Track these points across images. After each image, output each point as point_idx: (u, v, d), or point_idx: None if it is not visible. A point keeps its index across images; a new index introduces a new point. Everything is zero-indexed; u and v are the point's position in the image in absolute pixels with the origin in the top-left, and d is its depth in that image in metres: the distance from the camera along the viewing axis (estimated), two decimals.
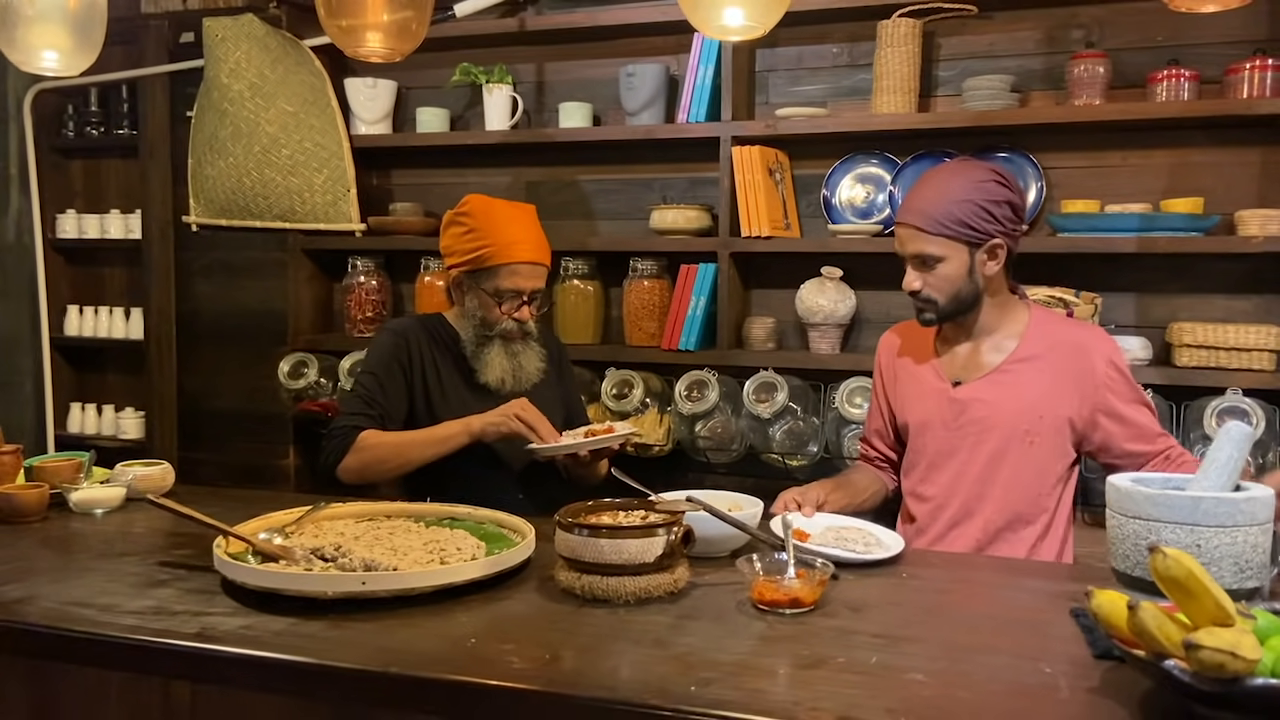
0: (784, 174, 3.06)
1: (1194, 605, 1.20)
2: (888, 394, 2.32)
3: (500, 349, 2.40)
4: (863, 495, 2.28)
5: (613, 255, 3.20)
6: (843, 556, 1.83)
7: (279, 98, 3.28)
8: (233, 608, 1.60)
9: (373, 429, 2.30)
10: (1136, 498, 1.50)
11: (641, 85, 3.09)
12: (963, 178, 2.08)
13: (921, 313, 2.16)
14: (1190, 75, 2.65)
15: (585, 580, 1.66)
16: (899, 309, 3.04)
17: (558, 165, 3.37)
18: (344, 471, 2.30)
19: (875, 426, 2.38)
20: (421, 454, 2.28)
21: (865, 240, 2.92)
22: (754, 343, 3.06)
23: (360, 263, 3.47)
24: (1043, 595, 1.72)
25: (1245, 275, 2.70)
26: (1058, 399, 2.10)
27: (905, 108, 2.86)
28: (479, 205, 2.41)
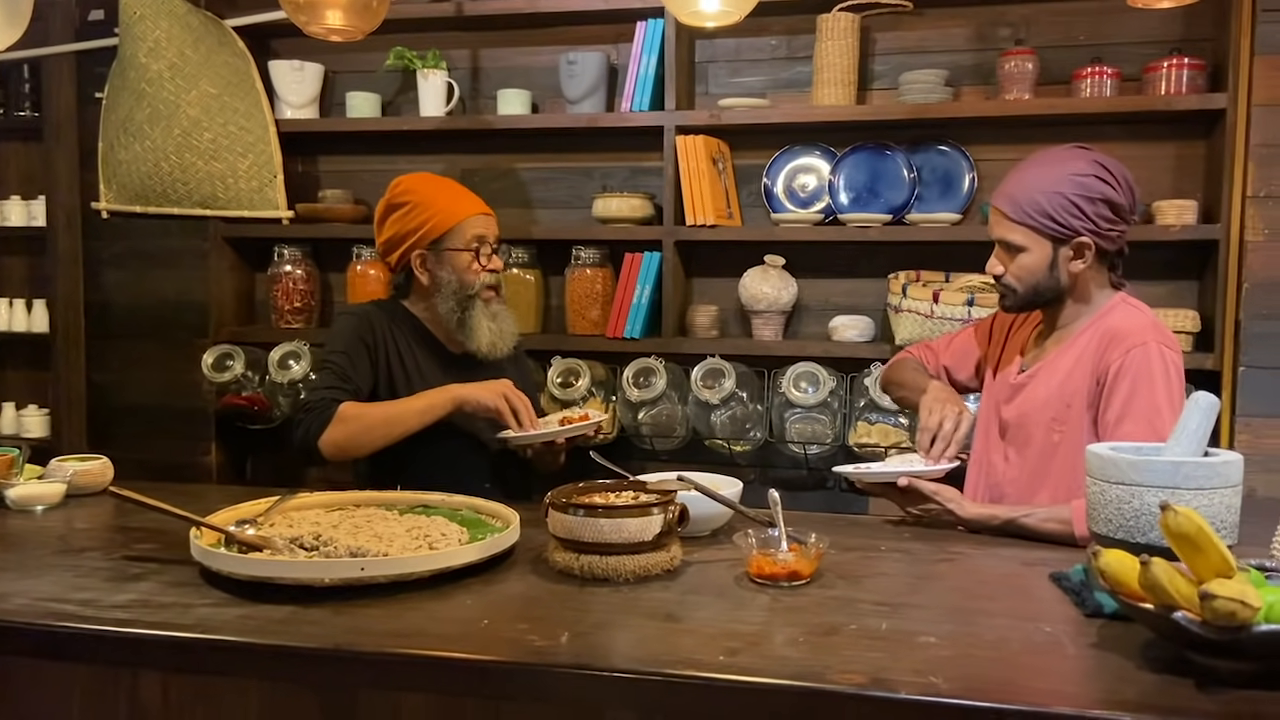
0: (726, 163, 3.10)
1: (1201, 559, 1.28)
2: (987, 345, 2.26)
3: (482, 311, 2.37)
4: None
5: (552, 244, 3.19)
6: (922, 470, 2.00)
7: (201, 79, 3.15)
8: (222, 598, 1.54)
9: (351, 401, 2.24)
10: (1120, 464, 1.58)
11: (583, 73, 3.09)
12: (1060, 168, 1.97)
13: (1002, 299, 2.09)
14: (1112, 73, 2.80)
15: (584, 560, 1.66)
16: (838, 296, 3.13)
17: (495, 153, 3.33)
18: (327, 444, 2.21)
19: (955, 351, 2.31)
20: (404, 424, 2.23)
21: (807, 229, 2.99)
22: (698, 330, 3.09)
23: (287, 251, 3.36)
24: (1017, 563, 1.80)
25: (1163, 262, 2.87)
26: (1082, 388, 1.99)
27: (845, 100, 2.93)
28: (413, 181, 2.42)
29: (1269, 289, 2.65)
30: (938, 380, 2.27)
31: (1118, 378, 1.94)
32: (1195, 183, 2.88)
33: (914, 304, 2.79)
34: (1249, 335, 2.67)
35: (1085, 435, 1.99)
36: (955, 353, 2.34)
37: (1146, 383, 1.92)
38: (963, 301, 2.75)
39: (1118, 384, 1.94)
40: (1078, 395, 2.01)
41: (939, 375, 2.34)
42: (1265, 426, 2.66)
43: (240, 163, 3.23)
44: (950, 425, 2.04)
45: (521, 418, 2.22)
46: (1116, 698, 1.21)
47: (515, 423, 2.22)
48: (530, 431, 2.22)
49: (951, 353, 2.35)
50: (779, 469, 3.14)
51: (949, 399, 2.11)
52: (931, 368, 2.35)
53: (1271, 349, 2.65)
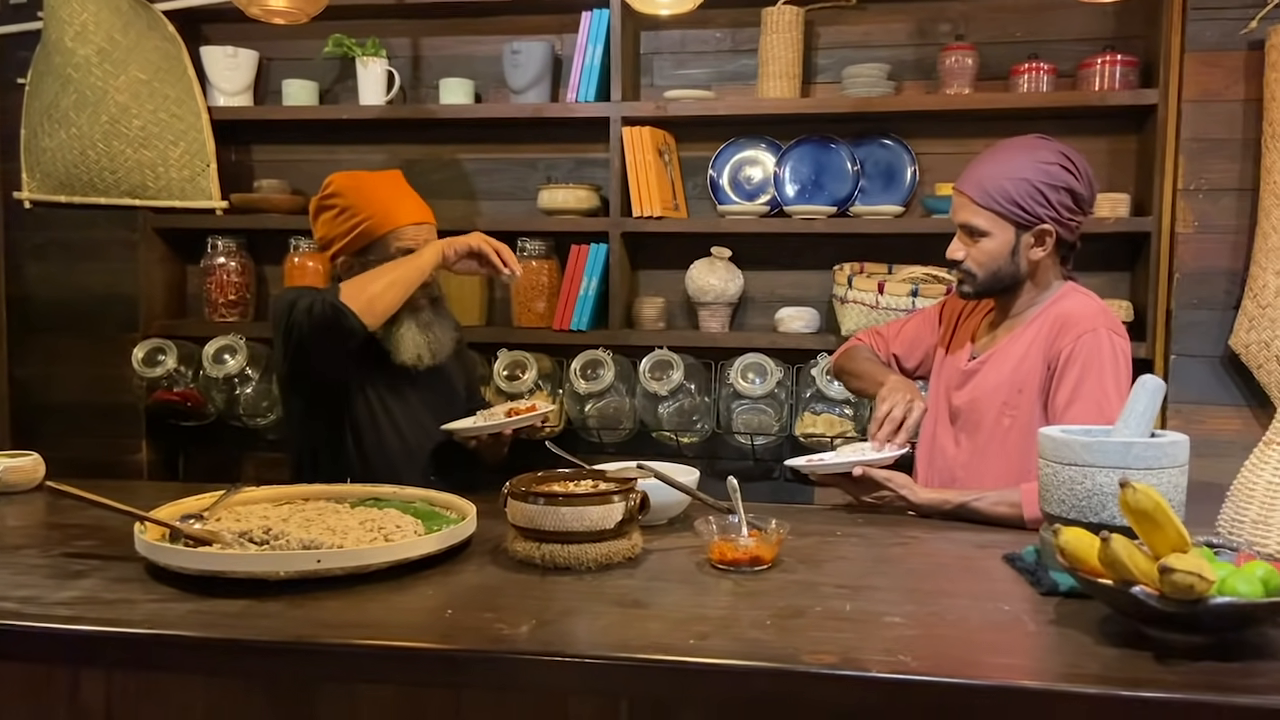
0: (671, 155, 3.10)
1: (1159, 535, 1.31)
2: (937, 333, 2.29)
3: (410, 323, 2.31)
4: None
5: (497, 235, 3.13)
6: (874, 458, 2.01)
7: (130, 64, 3.05)
8: (170, 594, 1.48)
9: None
10: (1074, 446, 1.61)
11: (528, 63, 3.06)
12: (1027, 155, 2.00)
13: (961, 284, 2.10)
14: (1049, 69, 2.86)
15: (546, 549, 1.64)
16: (784, 288, 3.14)
17: (437, 143, 3.28)
18: (351, 301, 2.08)
19: (905, 339, 2.34)
20: (407, 278, 2.17)
21: (753, 221, 3.00)
22: (645, 322, 3.09)
23: (221, 243, 3.26)
24: (970, 546, 1.82)
25: (1097, 254, 2.94)
26: (1033, 373, 2.02)
27: (789, 93, 2.95)
28: (344, 182, 2.30)
29: (1199, 279, 2.73)
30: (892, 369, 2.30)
31: (1068, 363, 1.99)
32: (1127, 176, 2.96)
33: (859, 295, 2.81)
34: (1180, 324, 2.75)
35: (1035, 419, 2.03)
36: (905, 340, 2.37)
37: (1096, 368, 1.97)
38: (907, 292, 2.78)
39: (1068, 369, 1.99)
40: (1029, 380, 2.04)
41: (889, 362, 2.37)
42: (1195, 413, 2.74)
43: (171, 151, 3.13)
44: (900, 412, 2.06)
45: (504, 254, 2.23)
46: (1080, 671, 1.23)
47: (499, 262, 2.22)
48: (480, 423, 2.19)
49: (901, 340, 2.38)
50: (726, 460, 3.15)
51: (905, 388, 2.13)
52: (882, 355, 2.38)
53: (1201, 337, 2.74)
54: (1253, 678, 1.20)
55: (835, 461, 2.08)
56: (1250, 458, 1.60)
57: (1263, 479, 1.56)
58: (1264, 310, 2.62)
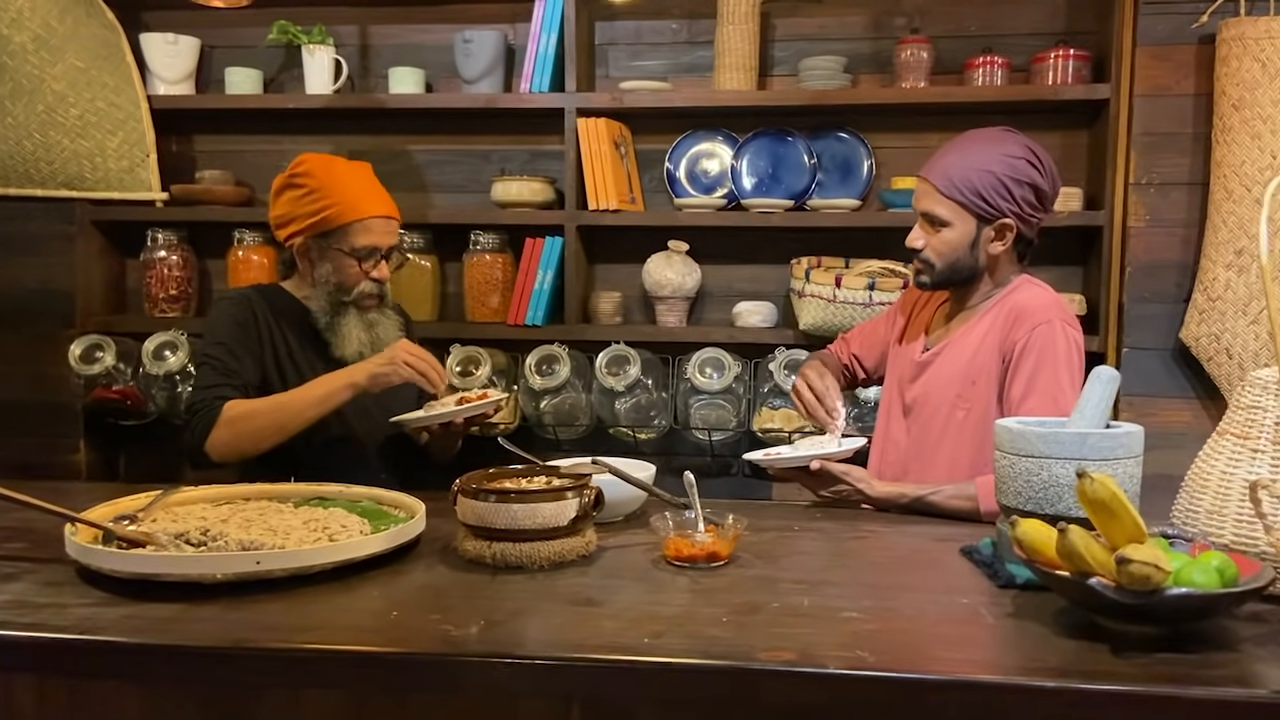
0: (628, 147, 3.06)
1: (1115, 525, 1.30)
2: (893, 328, 2.28)
3: (356, 319, 2.26)
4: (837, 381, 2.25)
5: (449, 228, 3.09)
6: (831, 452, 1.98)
7: (67, 52, 2.95)
8: (103, 598, 1.42)
9: (238, 399, 2.11)
10: (1029, 436, 1.60)
11: (480, 53, 3.00)
12: (994, 148, 1.99)
13: (919, 274, 2.08)
14: (1003, 63, 2.86)
15: (497, 548, 1.60)
16: (741, 282, 3.12)
17: (386, 134, 3.21)
18: (214, 446, 2.08)
19: (864, 339, 2.34)
20: (300, 416, 2.10)
21: (711, 214, 2.97)
22: (601, 317, 3.04)
23: (162, 236, 3.17)
24: (927, 539, 1.81)
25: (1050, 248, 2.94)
26: (988, 365, 2.01)
27: (746, 85, 2.93)
28: (317, 164, 2.27)
29: (1150, 273, 2.75)
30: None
31: (1023, 355, 1.98)
32: (1080, 171, 2.98)
33: (817, 289, 2.80)
34: (1131, 318, 2.77)
35: (989, 412, 2.02)
36: (863, 340, 2.36)
37: (1050, 360, 1.97)
38: (864, 286, 2.77)
39: (1023, 361, 1.98)
40: (983, 372, 2.04)
41: (851, 365, 2.36)
42: (1147, 405, 2.76)
43: (109, 141, 3.03)
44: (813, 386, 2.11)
45: (431, 377, 2.13)
46: (1039, 664, 1.21)
47: (427, 384, 2.13)
48: (428, 412, 2.13)
49: (860, 340, 2.37)
50: (684, 456, 3.12)
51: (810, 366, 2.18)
52: (844, 358, 2.37)
53: (1152, 330, 2.76)
54: (1209, 669, 1.20)
55: (792, 455, 2.06)
56: (1203, 449, 1.59)
57: (1216, 470, 1.55)
58: (1214, 303, 2.64)
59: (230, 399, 2.09)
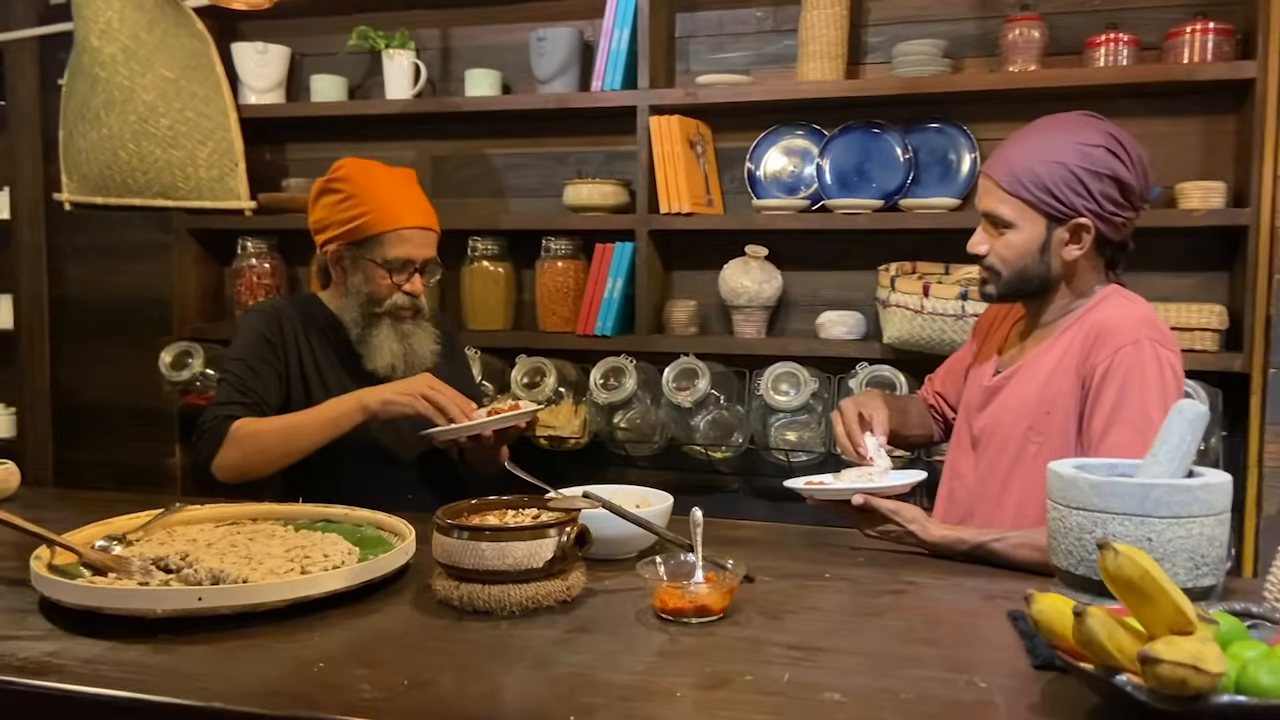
0: (706, 146, 2.87)
1: (1149, 610, 1.03)
2: (971, 353, 2.03)
3: (389, 330, 2.17)
4: (912, 427, 2.04)
5: (525, 234, 2.99)
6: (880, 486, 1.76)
7: (156, 62, 3.01)
8: (44, 630, 1.36)
9: (248, 417, 2.05)
10: (1080, 485, 1.33)
11: (553, 50, 2.88)
12: (1065, 135, 1.71)
13: (984, 284, 1.82)
14: (1129, 40, 2.51)
15: (465, 589, 1.45)
16: (827, 290, 2.88)
17: (465, 138, 3.14)
18: (220, 469, 2.03)
19: (947, 370, 2.10)
20: (309, 439, 2.02)
21: (792, 217, 2.75)
22: (675, 327, 2.87)
23: (251, 244, 3.20)
24: (976, 596, 1.55)
25: (1187, 251, 2.58)
26: (1065, 392, 1.73)
27: (832, 75, 2.69)
28: (355, 169, 2.19)
29: None
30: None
31: (1105, 380, 1.68)
32: (1224, 162, 2.58)
33: (902, 298, 2.53)
34: None
35: (1066, 447, 1.73)
36: (946, 372, 2.11)
37: (1137, 386, 1.66)
38: (955, 296, 2.48)
39: (1104, 388, 1.68)
40: (1059, 401, 1.75)
41: (937, 405, 2.11)
42: None
43: (199, 150, 3.07)
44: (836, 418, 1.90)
45: (451, 412, 2.00)
46: None
47: (445, 419, 2.01)
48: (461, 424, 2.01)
49: (943, 373, 2.12)
50: (765, 477, 2.90)
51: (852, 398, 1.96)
52: (929, 398, 2.12)
53: None
54: None
55: (835, 487, 1.83)
56: None
57: None
58: None
59: (240, 418, 2.04)
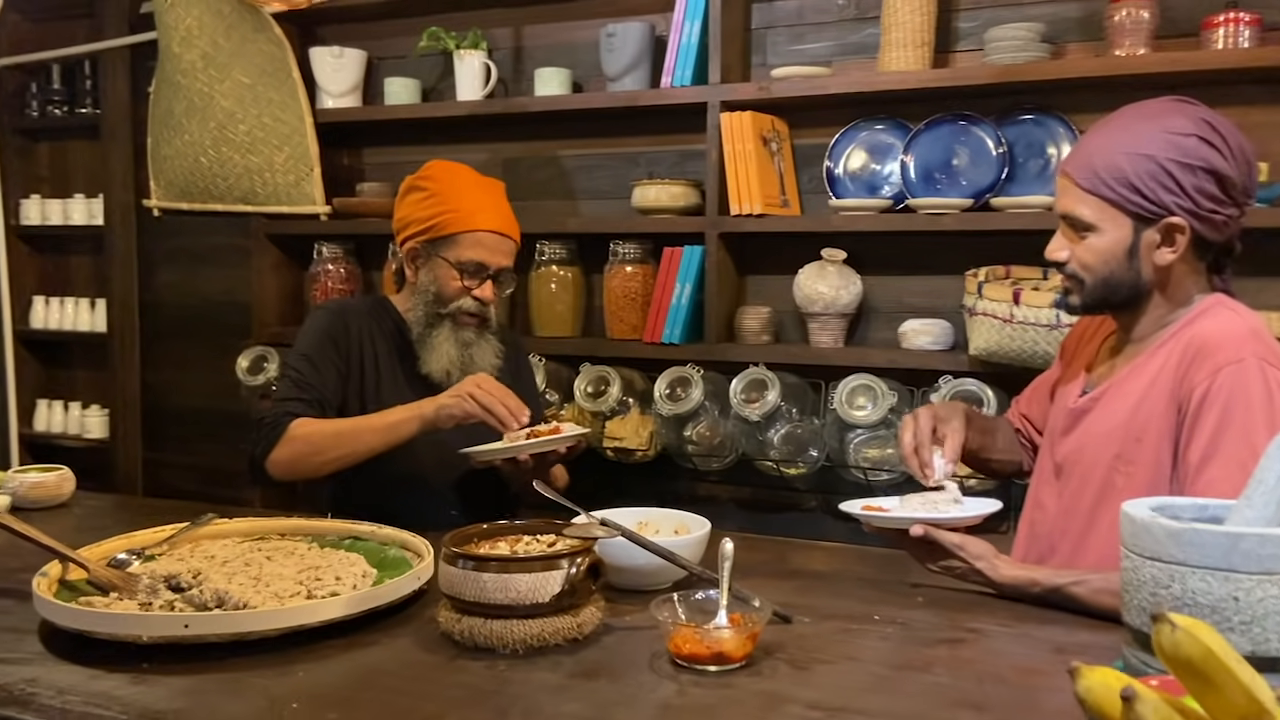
0: (781, 144, 2.71)
1: (1214, 698, 0.85)
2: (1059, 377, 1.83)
3: (450, 334, 2.10)
4: (998, 452, 1.86)
5: (595, 238, 2.88)
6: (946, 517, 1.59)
7: (234, 68, 3.02)
8: (34, 654, 1.32)
9: (307, 417, 2.00)
10: (1155, 532, 1.14)
11: (623, 47, 2.77)
12: (1152, 125, 1.51)
13: (1066, 294, 1.63)
14: (1251, 20, 2.25)
15: (466, 623, 1.35)
16: (911, 296, 2.68)
17: (535, 139, 3.05)
18: (274, 465, 1.99)
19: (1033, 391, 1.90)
20: (365, 443, 1.96)
21: (873, 218, 2.56)
22: (747, 335, 2.71)
23: (326, 249, 3.19)
24: (1046, 649, 1.37)
25: None
26: (1158, 417, 1.53)
27: (918, 64, 2.49)
28: (442, 169, 2.16)
29: None
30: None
31: (1204, 405, 1.47)
32: None
33: (990, 305, 2.32)
34: None
35: (1158, 479, 1.53)
36: (1033, 391, 1.90)
37: (1241, 412, 1.44)
38: (1049, 304, 2.26)
39: (1203, 413, 1.47)
40: (1151, 427, 1.54)
41: (1024, 428, 1.91)
42: None
43: (276, 155, 3.08)
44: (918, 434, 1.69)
45: (497, 412, 1.89)
46: None
47: (496, 422, 1.91)
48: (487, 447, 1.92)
49: (1029, 392, 1.91)
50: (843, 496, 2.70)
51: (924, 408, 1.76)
52: (1015, 420, 1.92)
53: None
54: None
55: (893, 515, 1.65)
56: None
57: None
58: None
59: (300, 416, 1.99)
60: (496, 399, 1.91)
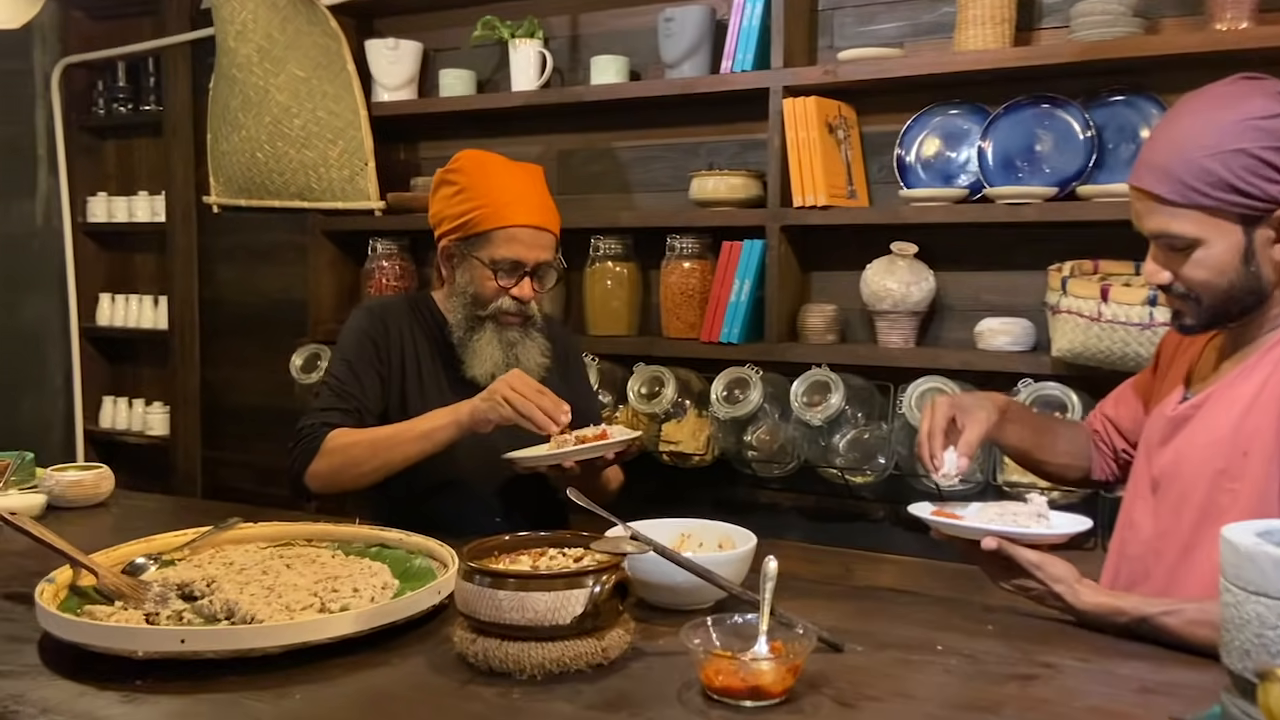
0: (849, 131, 2.55)
1: None
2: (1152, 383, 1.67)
3: (493, 336, 2.00)
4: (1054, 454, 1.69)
5: (652, 233, 2.76)
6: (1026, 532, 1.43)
7: (289, 62, 2.98)
8: (28, 666, 1.25)
9: (345, 427, 1.93)
10: (1260, 562, 0.97)
11: (681, 31, 2.64)
12: (1230, 115, 1.34)
13: (1178, 316, 1.46)
14: None
15: (481, 645, 1.25)
16: (990, 293, 2.50)
17: (591, 131, 2.94)
18: (313, 478, 1.92)
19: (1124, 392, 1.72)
20: (403, 452, 1.88)
21: (947, 209, 2.39)
22: (810, 335, 2.56)
23: (381, 245, 3.13)
24: (1129, 689, 1.21)
25: None
26: (1267, 428, 1.37)
27: (997, 43, 2.32)
28: (471, 161, 2.05)
29: None
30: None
31: None
32: None
33: (1075, 303, 2.13)
34: None
35: (1268, 500, 1.35)
36: (1122, 393, 1.73)
37: None
38: (1142, 301, 2.06)
39: None
40: (1259, 439, 1.36)
41: (1104, 432, 1.74)
42: None
43: (331, 150, 3.03)
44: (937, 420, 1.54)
45: (536, 419, 1.79)
46: None
47: (535, 426, 1.81)
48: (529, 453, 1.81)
49: (1118, 394, 1.73)
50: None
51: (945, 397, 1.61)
52: (1096, 424, 1.75)
53: None
54: None
55: (966, 525, 1.50)
56: None
57: None
58: None
59: (337, 426, 1.91)
60: (531, 401, 1.80)
